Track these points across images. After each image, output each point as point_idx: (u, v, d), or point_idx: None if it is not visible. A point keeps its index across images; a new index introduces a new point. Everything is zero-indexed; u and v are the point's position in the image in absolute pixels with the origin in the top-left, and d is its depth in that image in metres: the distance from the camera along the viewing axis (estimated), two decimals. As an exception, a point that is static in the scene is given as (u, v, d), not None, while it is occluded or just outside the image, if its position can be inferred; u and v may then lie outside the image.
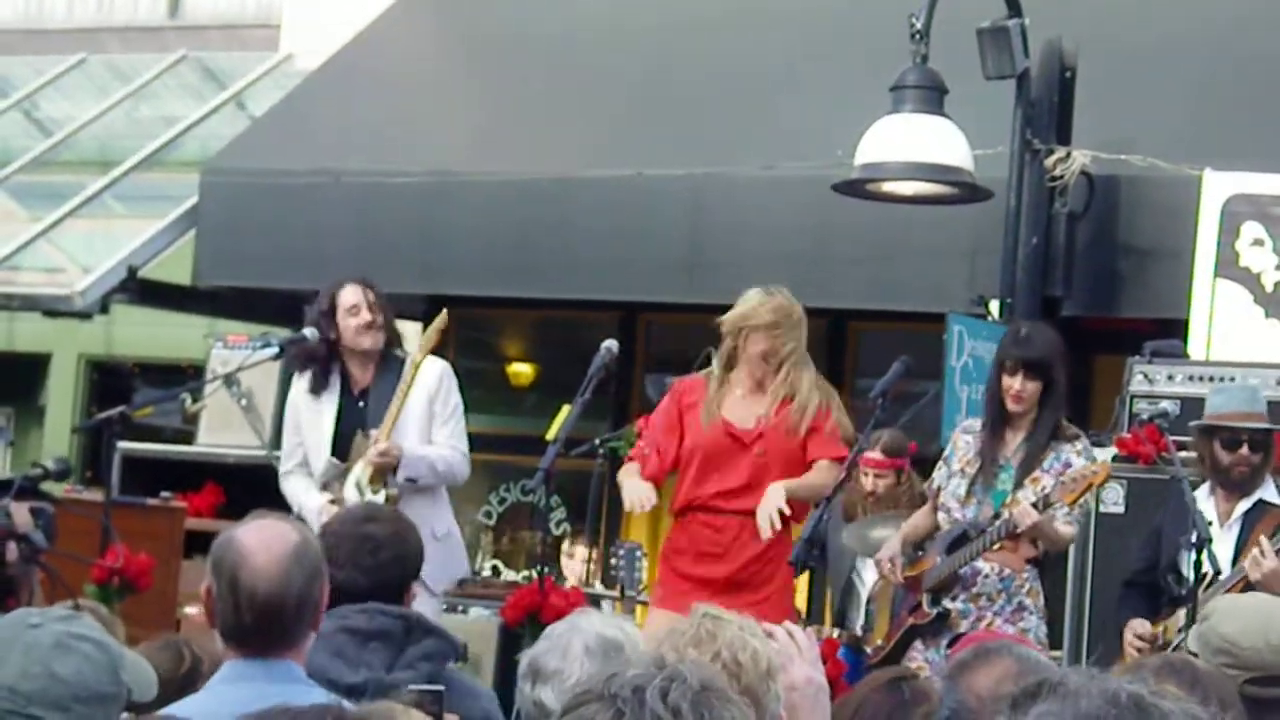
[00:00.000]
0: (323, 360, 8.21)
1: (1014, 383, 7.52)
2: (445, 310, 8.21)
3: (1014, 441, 7.60)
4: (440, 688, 4.21)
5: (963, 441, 7.77)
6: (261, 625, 4.20)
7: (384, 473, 7.96)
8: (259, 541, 4.26)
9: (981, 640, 6.35)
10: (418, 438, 8.08)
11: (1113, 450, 8.04)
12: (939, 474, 7.83)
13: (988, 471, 7.58)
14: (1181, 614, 7.17)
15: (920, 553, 7.85)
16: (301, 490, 8.25)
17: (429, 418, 8.13)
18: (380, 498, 7.92)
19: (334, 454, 8.12)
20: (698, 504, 7.84)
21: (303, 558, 4.26)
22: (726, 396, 7.93)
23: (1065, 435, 7.61)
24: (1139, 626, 7.39)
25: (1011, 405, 7.55)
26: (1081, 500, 7.47)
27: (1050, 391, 7.54)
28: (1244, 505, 7.41)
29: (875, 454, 8.89)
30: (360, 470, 8.01)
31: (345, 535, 5.11)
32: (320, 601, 4.31)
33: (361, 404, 8.17)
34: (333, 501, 8.03)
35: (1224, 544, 7.34)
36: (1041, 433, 7.56)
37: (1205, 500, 7.46)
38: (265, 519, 4.42)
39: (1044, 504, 7.34)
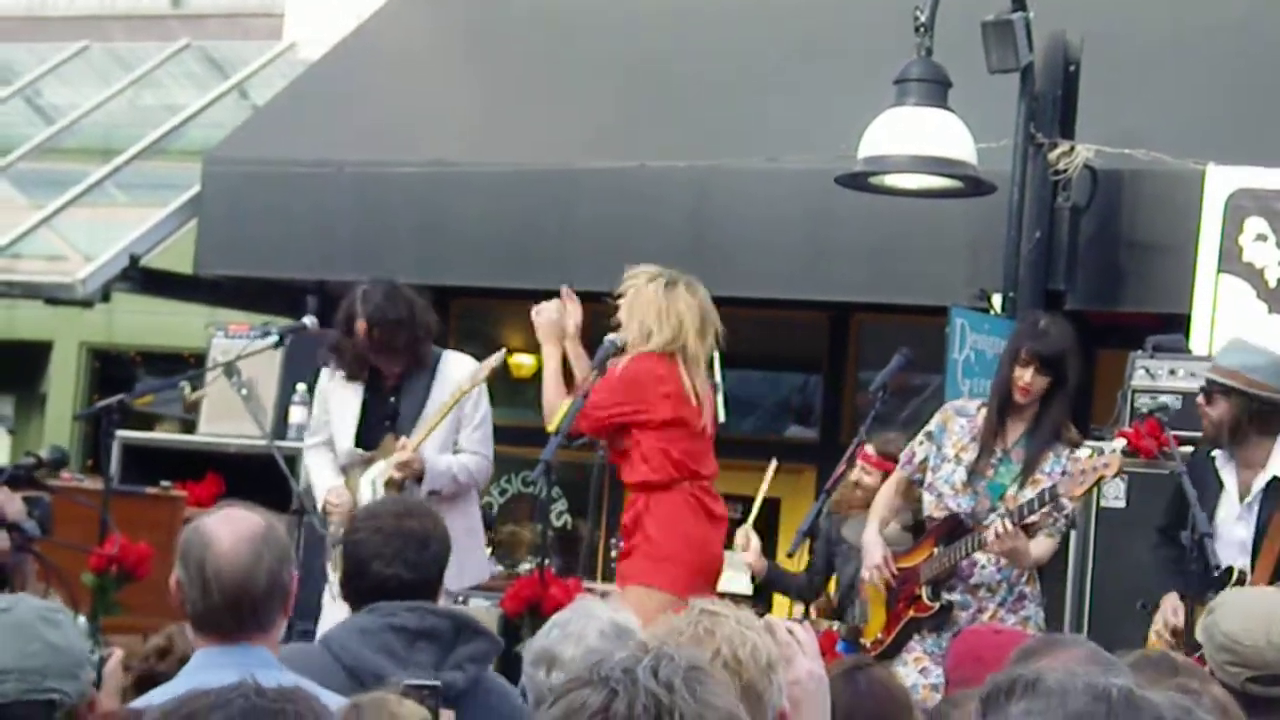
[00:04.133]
0: (351, 355, 8.22)
1: (1024, 374, 7.41)
2: (504, 351, 8.19)
3: (1014, 434, 7.53)
4: (436, 683, 4.19)
5: (957, 425, 7.66)
6: (231, 608, 4.19)
7: (403, 480, 7.99)
8: (225, 527, 4.26)
9: (988, 630, 6.35)
10: (441, 443, 8.11)
11: (1120, 442, 7.99)
12: (921, 447, 7.71)
13: (984, 462, 7.52)
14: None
15: (911, 538, 7.80)
16: (319, 466, 8.36)
17: (455, 422, 8.17)
18: None
19: (358, 444, 8.17)
20: None
21: (270, 541, 4.27)
22: None
23: (1068, 439, 7.53)
24: (1172, 615, 7.31)
25: (1018, 397, 7.46)
26: (1080, 497, 7.44)
27: (1058, 388, 7.48)
28: (1260, 481, 7.32)
29: (870, 450, 8.85)
30: (380, 470, 8.04)
31: (391, 532, 5.08)
32: (291, 587, 4.29)
33: (392, 399, 8.20)
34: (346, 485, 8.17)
35: (1245, 524, 7.27)
36: (1045, 429, 7.46)
37: (1225, 467, 7.40)
38: (231, 508, 4.42)
39: (1050, 495, 7.29)
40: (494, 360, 8.08)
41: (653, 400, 7.87)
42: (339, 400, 8.30)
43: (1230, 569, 7.23)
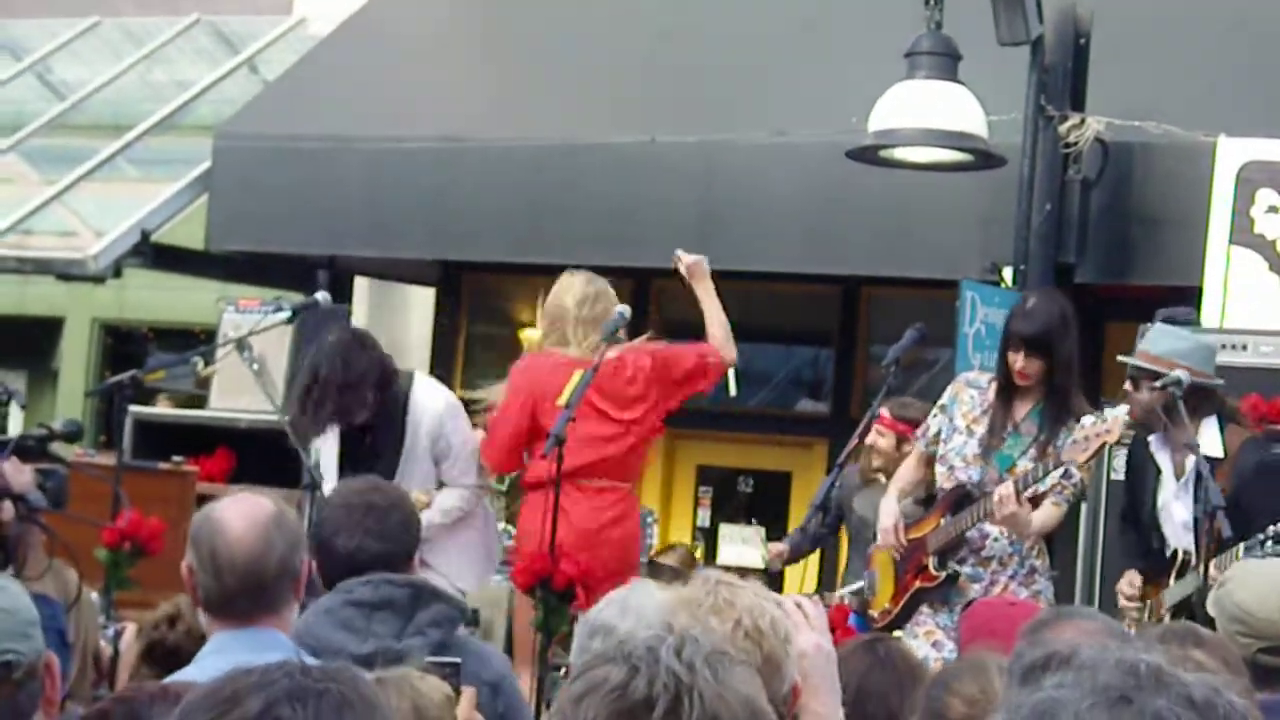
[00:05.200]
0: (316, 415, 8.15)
1: (1017, 359, 7.48)
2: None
3: (1022, 410, 7.56)
4: (458, 660, 4.21)
5: (967, 395, 7.70)
6: (243, 591, 4.25)
7: None
8: (236, 512, 4.32)
9: (1002, 602, 6.35)
10: (421, 480, 8.06)
11: (1124, 407, 8.01)
12: (934, 420, 7.76)
13: (996, 438, 7.56)
14: (1173, 586, 7.17)
15: (923, 510, 7.83)
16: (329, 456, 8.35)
17: (432, 458, 8.14)
18: None
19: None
20: None
21: (282, 525, 4.31)
22: None
23: (1078, 411, 7.54)
24: (1128, 586, 7.38)
25: (1018, 380, 7.52)
26: (1090, 463, 7.46)
27: (1055, 364, 7.49)
28: (1191, 460, 7.33)
29: (885, 411, 8.86)
30: None
31: (350, 505, 5.08)
32: (301, 571, 4.34)
33: (366, 438, 8.15)
34: None
35: (1184, 504, 7.29)
36: (1053, 406, 7.50)
37: (1159, 451, 7.43)
38: (242, 494, 4.46)
39: (1055, 463, 7.32)
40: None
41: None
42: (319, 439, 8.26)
43: (1175, 551, 7.27)
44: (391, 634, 4.76)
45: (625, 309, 7.99)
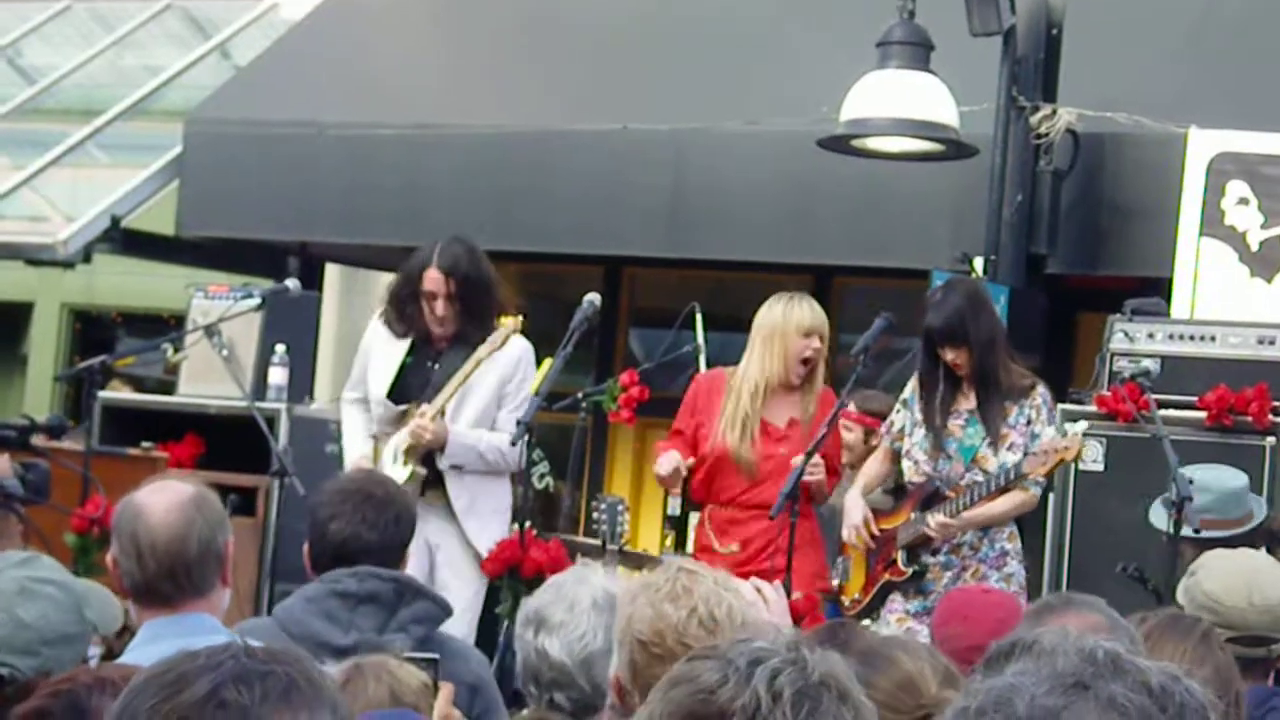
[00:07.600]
0: (404, 309, 8.11)
1: (945, 354, 7.58)
2: (520, 317, 8.02)
3: (971, 395, 7.64)
4: (435, 656, 4.22)
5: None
6: (168, 574, 4.20)
7: (420, 449, 7.88)
8: (155, 496, 4.27)
9: (976, 590, 6.36)
10: (477, 418, 7.94)
11: (1082, 424, 8.05)
12: (898, 415, 7.84)
13: (950, 426, 7.61)
14: None
15: (893, 500, 7.88)
16: (352, 428, 8.24)
17: (497, 400, 7.99)
18: (406, 472, 7.83)
19: (389, 397, 8.06)
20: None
21: (202, 506, 4.27)
22: None
23: (1021, 388, 7.62)
24: None
25: (959, 373, 7.60)
26: (1045, 476, 7.54)
27: (975, 348, 7.55)
28: None
29: (851, 407, 8.88)
30: (402, 438, 7.93)
31: (348, 494, 5.07)
32: (226, 553, 4.29)
33: (431, 364, 8.05)
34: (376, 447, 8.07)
35: None
36: (990, 388, 7.57)
37: None
38: (161, 481, 4.41)
39: (1015, 473, 7.40)
40: (511, 325, 7.94)
41: (683, 414, 8.08)
42: (381, 354, 8.14)
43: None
44: (374, 628, 4.76)
45: (595, 297, 7.99)
